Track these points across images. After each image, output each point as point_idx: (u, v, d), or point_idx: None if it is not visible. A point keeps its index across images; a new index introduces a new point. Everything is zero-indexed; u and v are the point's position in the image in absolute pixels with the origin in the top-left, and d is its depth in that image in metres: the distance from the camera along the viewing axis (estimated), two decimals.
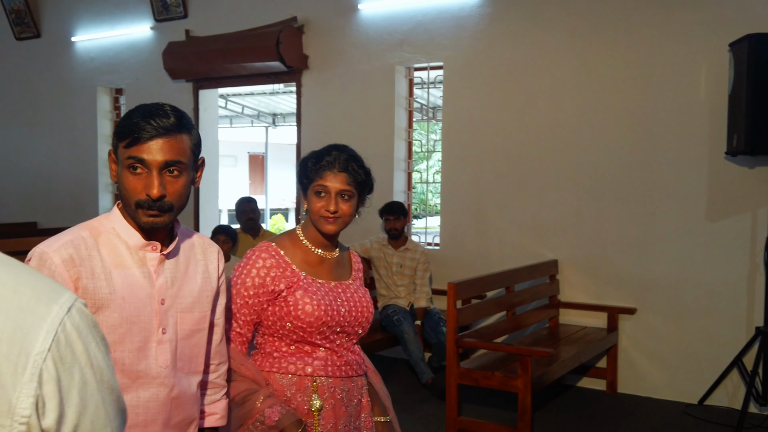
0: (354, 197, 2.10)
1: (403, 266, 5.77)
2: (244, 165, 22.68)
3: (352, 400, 2.15)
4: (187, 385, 1.77)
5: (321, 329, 2.07)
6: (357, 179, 2.09)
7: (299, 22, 6.83)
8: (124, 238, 1.69)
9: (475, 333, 4.96)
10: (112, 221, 1.71)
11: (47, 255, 1.59)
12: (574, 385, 5.65)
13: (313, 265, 2.15)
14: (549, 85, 5.71)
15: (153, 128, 1.60)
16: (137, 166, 1.61)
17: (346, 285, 2.20)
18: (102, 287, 1.62)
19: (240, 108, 12.98)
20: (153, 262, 1.70)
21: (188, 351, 1.78)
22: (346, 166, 2.07)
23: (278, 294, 2.07)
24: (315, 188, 2.08)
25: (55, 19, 8.72)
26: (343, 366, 2.12)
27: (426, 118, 7.56)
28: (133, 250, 1.69)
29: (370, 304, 2.22)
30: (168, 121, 1.62)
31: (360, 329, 2.18)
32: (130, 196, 1.63)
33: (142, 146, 1.60)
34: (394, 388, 5.46)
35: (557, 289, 5.73)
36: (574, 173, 5.63)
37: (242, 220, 6.18)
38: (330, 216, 2.07)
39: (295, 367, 2.08)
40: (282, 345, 2.10)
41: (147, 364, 1.68)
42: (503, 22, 5.88)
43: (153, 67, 7.80)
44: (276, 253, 2.10)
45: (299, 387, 2.07)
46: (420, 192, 7.43)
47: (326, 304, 2.07)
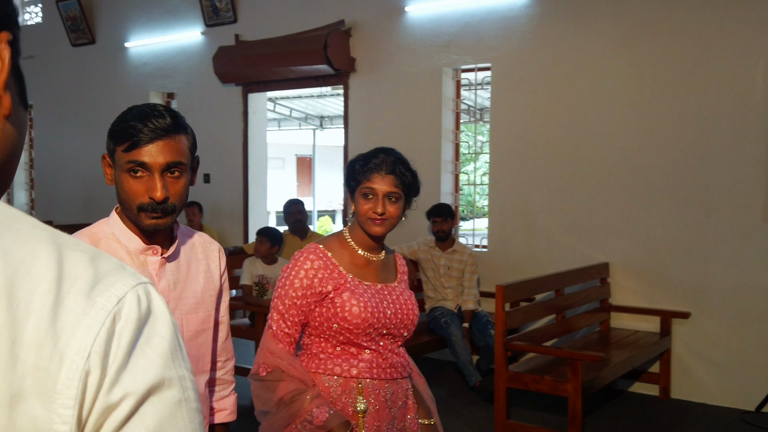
0: (401, 199, 2.11)
1: (450, 268, 5.75)
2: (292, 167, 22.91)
3: (396, 402, 2.15)
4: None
5: (367, 331, 2.08)
6: (404, 181, 2.10)
7: (347, 25, 6.86)
8: (124, 242, 1.67)
9: (524, 336, 4.91)
10: (111, 226, 1.69)
11: None
12: (626, 390, 5.55)
13: (360, 267, 2.16)
14: (599, 86, 5.62)
15: (151, 130, 1.57)
16: (138, 169, 1.59)
17: (392, 287, 2.20)
18: None
19: (288, 111, 13.12)
20: (154, 266, 1.69)
21: (195, 351, 1.78)
22: (394, 168, 2.09)
23: (325, 295, 2.08)
24: (362, 190, 2.10)
25: (110, 25, 8.94)
26: (388, 368, 2.13)
27: (473, 120, 7.52)
28: (133, 254, 1.67)
29: (415, 306, 2.22)
30: (165, 122, 1.60)
31: (405, 332, 2.18)
32: (131, 200, 1.61)
33: (142, 149, 1.58)
34: (441, 391, 5.45)
35: (608, 292, 5.64)
36: (626, 174, 5.53)
37: (290, 221, 6.23)
38: (377, 218, 2.08)
39: (341, 368, 2.09)
40: (328, 346, 2.11)
41: None
42: (552, 23, 5.82)
43: (203, 72, 7.93)
44: (323, 254, 2.12)
45: (345, 388, 2.08)
46: (467, 194, 7.39)
47: (373, 306, 2.08)
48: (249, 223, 7.83)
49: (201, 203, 7.82)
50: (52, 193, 9.75)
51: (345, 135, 7.07)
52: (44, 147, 9.87)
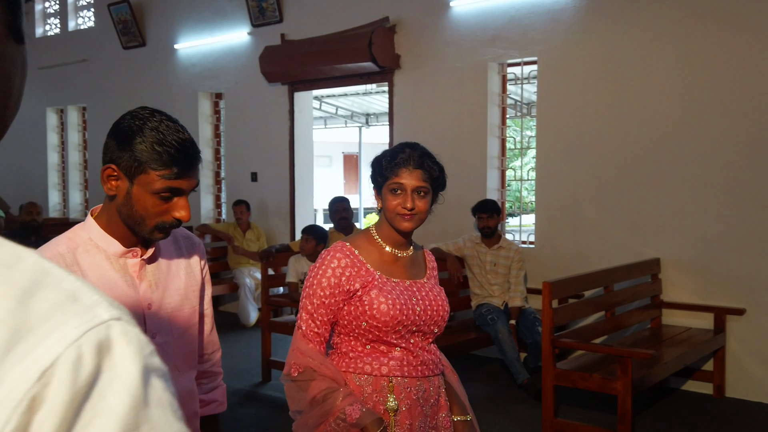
0: (429, 194, 2.10)
1: (496, 265, 5.70)
2: (339, 165, 23.02)
3: (428, 400, 2.13)
4: (185, 382, 1.78)
5: (396, 328, 2.06)
6: (432, 175, 2.08)
7: (391, 22, 6.86)
8: (103, 247, 1.66)
9: (572, 333, 4.84)
10: (88, 231, 1.68)
11: None
12: (678, 389, 5.43)
13: (388, 264, 2.15)
14: (649, 78, 5.50)
15: (191, 160, 1.61)
16: (170, 195, 1.61)
17: (421, 284, 2.18)
18: None
19: (334, 109, 13.18)
20: (134, 268, 1.69)
21: (184, 348, 1.78)
22: (422, 163, 2.07)
23: (353, 293, 2.07)
24: (390, 186, 2.08)
25: (159, 27, 9.11)
26: (419, 366, 2.11)
27: (520, 115, 7.44)
28: (113, 258, 1.66)
29: (445, 302, 2.20)
30: (196, 150, 1.64)
31: (436, 328, 2.16)
32: (151, 219, 1.61)
33: (183, 180, 1.61)
34: (488, 389, 5.42)
35: (660, 288, 5.52)
36: (677, 168, 5.40)
37: (335, 219, 6.27)
38: (407, 213, 2.07)
39: (371, 367, 2.08)
40: (358, 345, 2.10)
41: None
42: (599, 14, 5.72)
43: (250, 72, 8.02)
44: (350, 252, 2.11)
45: (375, 387, 2.07)
46: (514, 189, 7.32)
47: (401, 303, 2.06)
48: (295, 221, 7.90)
49: (248, 201, 7.92)
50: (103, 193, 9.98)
51: (390, 132, 7.07)
52: (97, 148, 10.09)
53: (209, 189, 8.92)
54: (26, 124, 11.10)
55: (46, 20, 10.99)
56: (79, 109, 10.61)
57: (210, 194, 8.94)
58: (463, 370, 5.87)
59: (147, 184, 1.60)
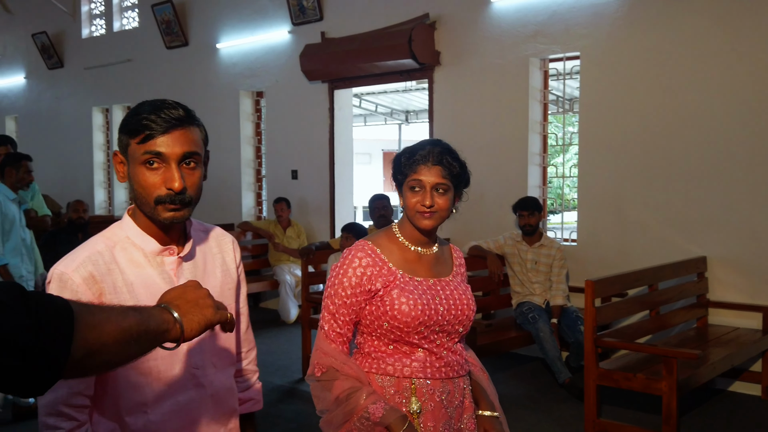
0: (450, 191, 2.05)
1: (538, 263, 5.64)
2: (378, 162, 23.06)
3: (452, 402, 2.09)
4: (222, 379, 1.78)
5: (418, 329, 2.02)
6: (452, 172, 2.03)
7: (431, 19, 6.83)
8: (139, 245, 1.65)
9: (616, 332, 4.76)
10: (125, 230, 1.67)
11: (67, 276, 1.56)
12: (725, 390, 5.31)
13: (411, 263, 2.11)
14: (695, 73, 5.38)
15: (165, 121, 1.56)
16: (154, 160, 1.56)
17: (446, 282, 2.14)
18: (126, 300, 1.59)
19: (374, 106, 13.20)
20: (172, 266, 1.68)
21: (221, 346, 1.78)
22: (440, 159, 2.03)
23: (375, 293, 2.04)
24: (409, 183, 2.05)
25: (202, 27, 9.22)
26: (443, 367, 2.07)
27: (561, 111, 7.35)
28: (150, 256, 1.65)
29: (470, 301, 2.14)
30: (178, 113, 1.58)
31: (461, 327, 2.11)
32: (148, 194, 1.58)
33: (158, 140, 1.55)
34: (529, 387, 5.37)
35: (706, 287, 5.40)
36: (725, 164, 5.28)
37: (375, 216, 6.28)
38: (426, 211, 2.03)
39: (394, 368, 2.05)
40: (380, 345, 2.07)
41: (180, 368, 1.67)
42: (644, 8, 5.61)
43: (291, 70, 8.07)
44: (372, 251, 2.08)
45: (398, 388, 2.04)
46: (555, 186, 7.24)
47: (423, 303, 2.02)
48: (335, 218, 7.93)
49: (289, 199, 7.98)
50: None
51: (430, 129, 7.05)
52: None
53: (250, 187, 9.00)
54: (73, 124, 11.35)
55: (92, 21, 11.21)
56: (123, 108, 10.79)
57: (251, 192, 9.02)
58: (504, 368, 5.84)
59: (134, 157, 1.58)
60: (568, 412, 4.87)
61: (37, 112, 12.12)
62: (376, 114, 13.91)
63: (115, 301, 1.58)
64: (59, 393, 1.56)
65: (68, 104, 11.50)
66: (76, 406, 1.59)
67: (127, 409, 1.63)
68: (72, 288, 1.55)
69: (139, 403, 1.63)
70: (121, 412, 1.63)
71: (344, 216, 7.98)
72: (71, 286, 1.55)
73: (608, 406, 4.83)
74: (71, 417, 1.58)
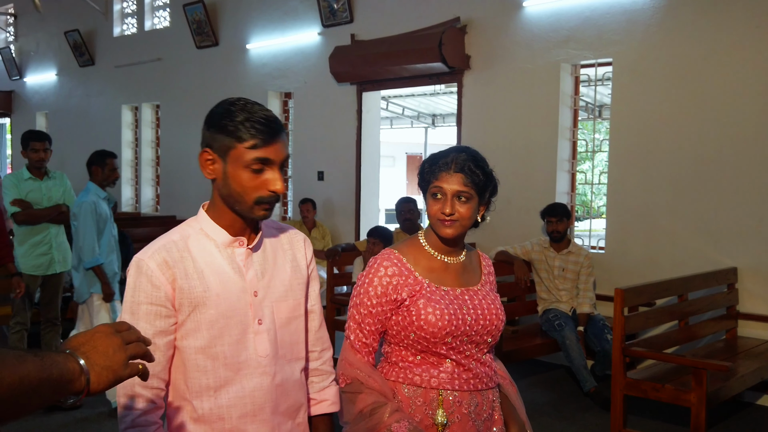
0: (473, 199, 1.98)
1: (565, 270, 5.60)
2: (402, 165, 23.05)
3: (480, 415, 2.04)
4: (290, 371, 1.81)
5: (445, 339, 1.98)
6: (475, 180, 1.97)
7: (462, 22, 6.82)
8: (212, 236, 1.75)
9: (644, 342, 4.71)
10: (200, 222, 1.78)
11: (143, 262, 1.68)
12: (754, 403, 5.23)
13: (437, 272, 2.06)
14: (730, 81, 5.31)
15: (273, 130, 1.68)
16: (262, 167, 1.68)
17: (474, 291, 2.08)
18: (196, 286, 1.69)
19: (400, 109, 13.20)
20: (241, 257, 1.76)
21: (288, 338, 1.82)
22: (463, 167, 1.97)
23: (401, 303, 2.01)
24: (431, 190, 2.01)
25: (232, 27, 9.28)
26: (471, 379, 2.02)
27: (591, 117, 7.29)
28: (221, 247, 1.75)
29: (499, 310, 2.08)
30: (279, 123, 1.72)
31: (489, 338, 2.06)
32: (249, 194, 1.69)
33: (270, 147, 1.67)
34: (553, 395, 5.33)
35: (736, 298, 5.33)
36: (758, 175, 5.20)
37: (401, 219, 6.27)
38: (446, 219, 1.98)
39: (421, 378, 2.01)
40: (408, 355, 2.03)
41: (247, 354, 1.73)
42: (679, 14, 5.55)
43: (320, 71, 8.09)
44: (398, 260, 2.04)
45: (425, 400, 2.00)
46: (582, 193, 7.18)
47: (450, 313, 1.98)
48: (360, 221, 7.93)
49: (314, 200, 7.99)
50: (176, 189, 10.23)
51: (458, 133, 7.02)
52: (170, 145, 10.37)
53: None
54: (102, 121, 11.48)
55: (123, 20, 11.33)
56: (152, 106, 10.90)
57: None
58: (528, 375, 5.80)
59: (238, 159, 1.68)
60: (593, 422, 4.82)
61: (67, 108, 12.27)
62: (403, 117, 13.90)
63: (186, 287, 1.68)
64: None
65: (98, 102, 11.63)
66: (153, 388, 1.68)
67: (195, 392, 1.71)
68: (147, 273, 1.67)
69: (206, 387, 1.71)
70: (188, 394, 1.72)
71: (369, 218, 7.98)
72: (146, 270, 1.67)
73: (634, 417, 4.77)
74: (148, 399, 1.67)
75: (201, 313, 1.69)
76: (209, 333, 1.69)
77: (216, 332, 1.70)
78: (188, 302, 1.68)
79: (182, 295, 1.68)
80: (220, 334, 1.70)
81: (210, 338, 1.70)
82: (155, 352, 1.61)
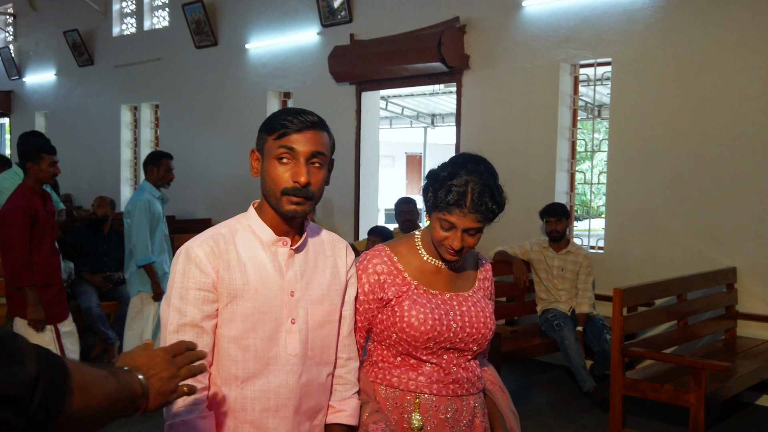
0: (482, 230, 1.93)
1: (564, 270, 5.59)
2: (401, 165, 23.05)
3: (459, 421, 1.98)
4: (317, 373, 1.84)
5: (427, 344, 1.93)
6: (489, 217, 1.90)
7: (461, 22, 6.81)
8: (258, 234, 1.81)
9: (643, 342, 4.70)
10: (248, 219, 1.84)
11: (192, 250, 1.75)
12: (753, 403, 5.23)
13: (428, 275, 2.01)
14: (730, 82, 5.31)
15: (300, 122, 1.74)
16: (285, 156, 1.73)
17: (464, 297, 2.02)
18: (237, 278, 1.74)
19: (400, 109, 13.19)
20: (283, 257, 1.81)
21: (319, 341, 1.84)
22: (479, 206, 1.85)
23: (387, 302, 1.97)
24: (441, 221, 1.91)
25: (231, 27, 9.27)
26: (450, 384, 1.97)
27: (590, 117, 7.29)
28: (266, 245, 1.80)
29: (488, 319, 2.01)
30: (313, 118, 1.77)
31: (475, 346, 1.99)
32: (276, 185, 1.74)
33: (292, 137, 1.72)
34: (552, 395, 5.33)
35: (735, 298, 5.32)
36: (757, 175, 5.20)
37: (400, 220, 6.26)
38: (453, 251, 1.92)
39: (399, 380, 1.97)
40: (389, 355, 2.00)
41: (277, 351, 1.77)
42: (679, 14, 5.55)
43: (319, 71, 8.09)
44: (389, 258, 2.00)
45: (401, 402, 1.97)
46: (581, 193, 7.18)
47: (435, 318, 1.92)
48: (359, 220, 7.93)
49: None
50: (175, 189, 10.19)
51: (457, 133, 7.02)
52: (169, 145, 10.35)
53: None
54: (101, 121, 11.47)
55: (122, 20, 11.33)
56: (152, 106, 10.89)
57: None
58: (527, 375, 5.80)
59: (269, 152, 1.76)
60: (592, 422, 4.82)
61: (66, 108, 12.26)
62: (402, 117, 13.90)
63: (227, 278, 1.74)
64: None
65: (97, 101, 11.63)
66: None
67: (224, 379, 1.76)
68: (195, 260, 1.74)
69: (234, 377, 1.76)
70: (219, 380, 1.76)
71: (369, 218, 7.98)
72: (194, 258, 1.74)
73: (633, 417, 4.77)
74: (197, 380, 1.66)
75: (238, 305, 1.74)
76: (243, 325, 1.74)
77: (250, 325, 1.75)
78: (227, 293, 1.74)
79: (223, 285, 1.73)
80: (253, 327, 1.75)
81: (243, 330, 1.74)
82: (203, 336, 1.73)
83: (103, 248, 6.60)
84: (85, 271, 6.49)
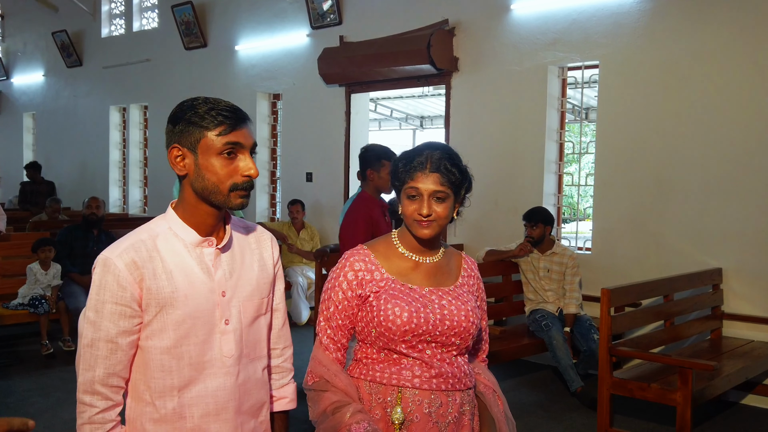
0: (449, 198, 1.96)
1: (550, 270, 5.63)
2: None
3: (444, 417, 1.97)
4: (252, 370, 1.83)
5: (405, 337, 1.94)
6: (451, 179, 1.94)
7: (450, 25, 6.85)
8: (181, 236, 1.74)
9: (630, 342, 4.75)
10: (168, 221, 1.77)
11: (111, 261, 1.67)
12: (738, 402, 5.29)
13: (406, 270, 2.03)
14: (714, 85, 5.37)
15: (241, 117, 1.72)
16: (232, 151, 1.69)
17: (444, 291, 2.03)
18: (164, 287, 1.68)
19: (389, 111, 13.23)
20: (210, 257, 1.76)
21: (252, 337, 1.84)
22: (438, 166, 1.93)
23: (366, 299, 1.99)
24: (407, 191, 1.97)
25: (221, 29, 9.28)
26: (433, 378, 1.97)
27: (578, 119, 7.34)
28: (190, 247, 1.74)
29: (469, 313, 2.01)
30: (243, 111, 1.75)
31: (457, 340, 1.99)
32: (223, 181, 1.69)
33: (239, 132, 1.70)
34: (540, 395, 5.36)
35: (721, 299, 5.38)
36: (742, 177, 5.26)
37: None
38: (423, 220, 1.94)
39: (382, 375, 1.98)
40: (372, 351, 2.01)
41: (212, 354, 1.74)
42: (665, 18, 5.61)
43: (308, 73, 8.11)
44: (367, 256, 2.03)
45: (384, 397, 1.97)
46: (569, 195, 7.23)
47: (412, 311, 1.94)
48: None
49: (303, 201, 8.00)
50: (164, 190, 10.20)
51: (446, 135, 7.06)
52: (158, 147, 10.34)
53: (265, 188, 9.04)
54: (90, 122, 11.44)
55: (111, 21, 11.30)
56: (141, 107, 10.87)
57: (265, 193, 9.06)
58: (516, 375, 5.83)
59: (209, 148, 1.69)
60: (580, 421, 4.86)
61: (54, 109, 12.22)
62: (391, 119, 13.94)
63: (154, 288, 1.67)
64: (96, 372, 1.66)
65: (86, 102, 11.59)
66: (112, 386, 1.68)
67: (159, 391, 1.71)
68: (114, 272, 1.66)
69: (170, 387, 1.71)
70: (151, 394, 1.71)
71: None
72: (113, 270, 1.66)
73: (620, 416, 4.81)
74: (106, 396, 1.67)
75: (168, 314, 1.69)
76: (176, 333, 1.69)
77: (182, 332, 1.70)
78: (155, 303, 1.68)
79: (150, 295, 1.67)
80: (186, 334, 1.70)
81: (176, 338, 1.69)
82: (117, 352, 1.67)
83: (93, 249, 6.58)
84: (75, 272, 6.47)
